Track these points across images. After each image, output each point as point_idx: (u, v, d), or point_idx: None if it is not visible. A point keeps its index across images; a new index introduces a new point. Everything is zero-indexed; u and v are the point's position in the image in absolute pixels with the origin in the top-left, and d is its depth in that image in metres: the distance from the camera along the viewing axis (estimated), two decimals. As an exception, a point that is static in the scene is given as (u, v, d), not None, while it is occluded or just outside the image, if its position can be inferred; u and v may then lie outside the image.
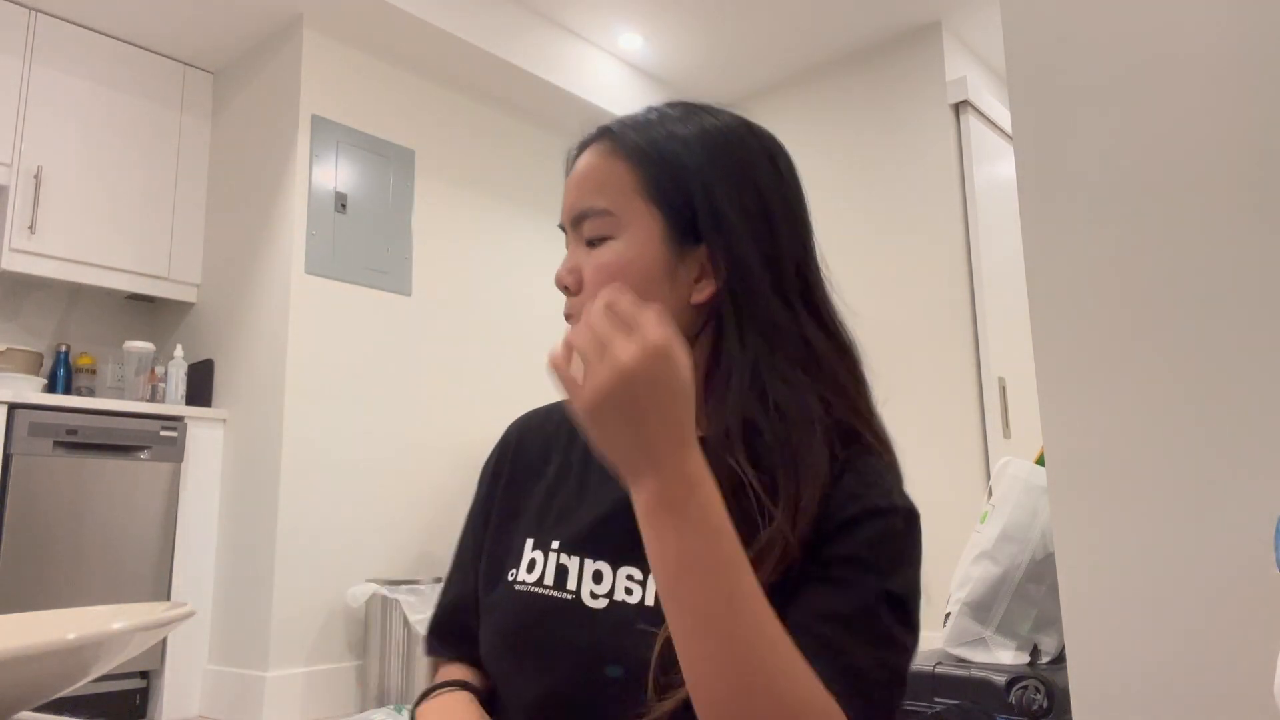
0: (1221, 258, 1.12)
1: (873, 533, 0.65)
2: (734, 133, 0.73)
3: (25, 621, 0.57)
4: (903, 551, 0.66)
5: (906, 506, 0.68)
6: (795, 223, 0.76)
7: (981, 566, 1.97)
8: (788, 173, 0.76)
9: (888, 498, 0.67)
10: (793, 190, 0.77)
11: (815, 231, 0.79)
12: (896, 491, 0.69)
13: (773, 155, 0.75)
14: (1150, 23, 1.20)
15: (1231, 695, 1.05)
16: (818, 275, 0.76)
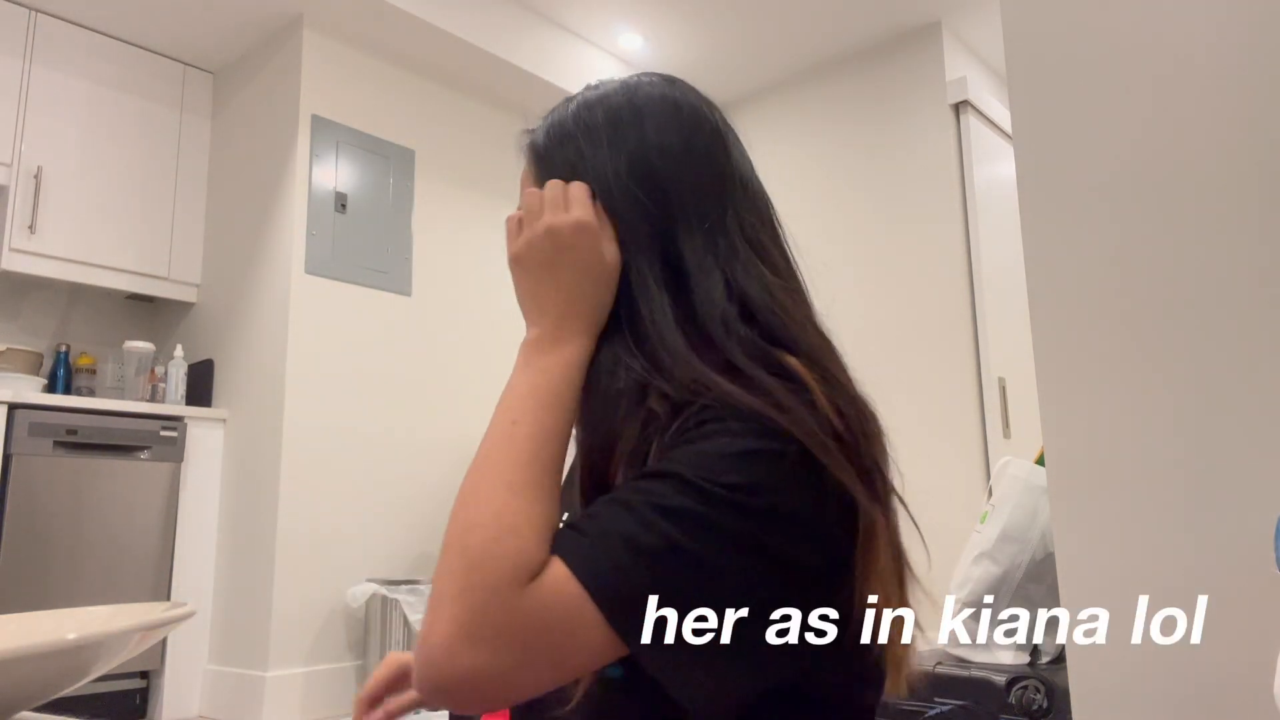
0: (1222, 257, 1.12)
1: (688, 437, 0.56)
2: (607, 100, 0.72)
3: (25, 621, 0.57)
4: (730, 445, 0.55)
5: (745, 429, 0.56)
6: (658, 184, 0.67)
7: (981, 566, 1.97)
8: (658, 128, 0.70)
9: (716, 418, 0.57)
10: (661, 150, 0.68)
11: (745, 189, 0.72)
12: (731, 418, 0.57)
13: (639, 111, 0.70)
14: (1151, 22, 1.20)
15: (1231, 695, 1.05)
16: (701, 234, 0.66)
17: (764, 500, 0.54)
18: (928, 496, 2.92)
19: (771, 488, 0.55)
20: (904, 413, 3.67)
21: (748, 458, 0.55)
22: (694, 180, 0.67)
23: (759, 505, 0.54)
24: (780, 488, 0.55)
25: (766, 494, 0.54)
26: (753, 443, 0.55)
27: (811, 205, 4.05)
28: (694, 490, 0.53)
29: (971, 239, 3.61)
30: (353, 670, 2.98)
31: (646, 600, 0.51)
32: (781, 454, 0.55)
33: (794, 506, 0.55)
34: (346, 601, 2.95)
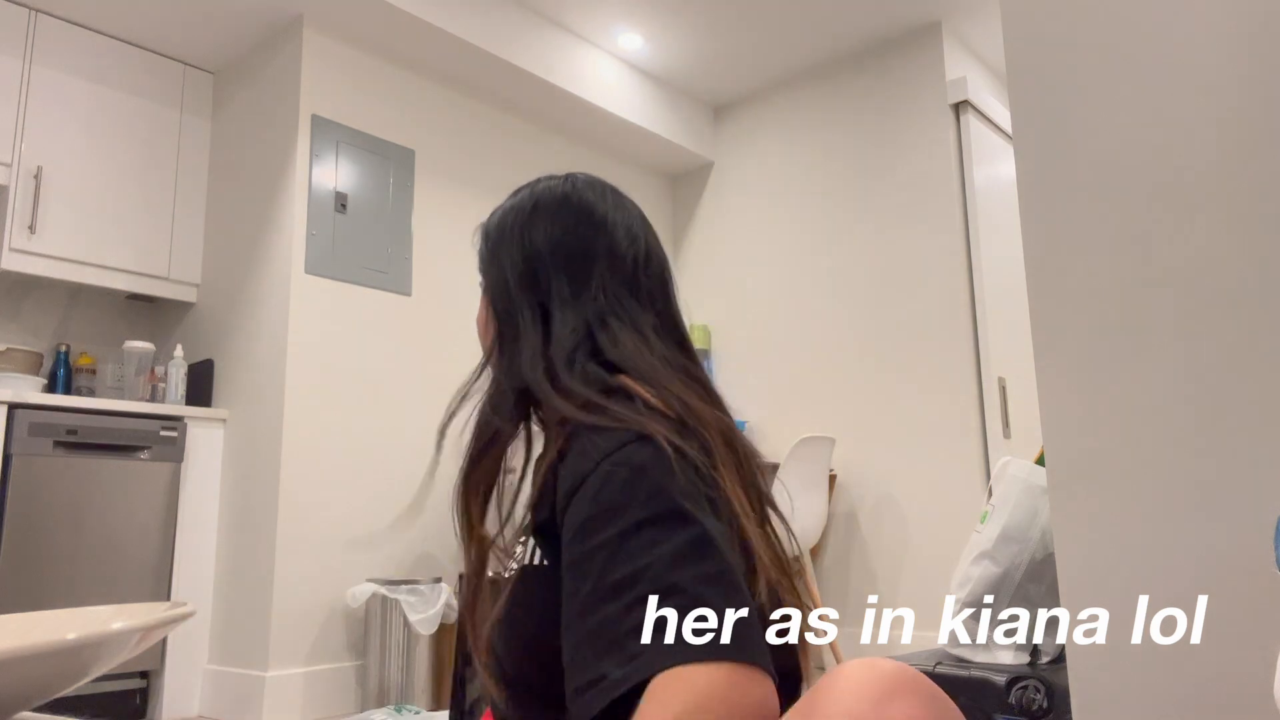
0: (1222, 257, 1.12)
1: (592, 491, 0.69)
2: (516, 204, 0.92)
3: (25, 621, 0.57)
4: (633, 487, 0.68)
5: (607, 454, 0.70)
6: (540, 261, 0.88)
7: (981, 566, 1.97)
8: (546, 218, 0.89)
9: (584, 463, 0.71)
10: (547, 236, 0.88)
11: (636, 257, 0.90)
12: (591, 454, 0.72)
13: (535, 207, 0.90)
14: (1150, 23, 1.20)
15: (1231, 695, 1.05)
16: (569, 294, 0.86)
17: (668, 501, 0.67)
18: (928, 496, 2.95)
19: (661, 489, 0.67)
20: (904, 412, 3.68)
21: (635, 480, 0.69)
22: (567, 258, 0.87)
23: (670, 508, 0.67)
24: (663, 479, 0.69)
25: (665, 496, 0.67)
26: (624, 464, 0.70)
27: (812, 205, 4.05)
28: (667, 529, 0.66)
29: (971, 239, 3.61)
30: (353, 670, 2.98)
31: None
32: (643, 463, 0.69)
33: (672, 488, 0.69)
34: (346, 601, 2.95)
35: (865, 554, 3.68)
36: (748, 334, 4.20)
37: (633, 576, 0.62)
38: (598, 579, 0.64)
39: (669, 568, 0.62)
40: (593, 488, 0.68)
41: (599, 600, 0.63)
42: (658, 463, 0.68)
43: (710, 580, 0.62)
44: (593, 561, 0.65)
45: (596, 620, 0.63)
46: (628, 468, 0.68)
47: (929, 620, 3.47)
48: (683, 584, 0.61)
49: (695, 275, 4.44)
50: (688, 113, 4.34)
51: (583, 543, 0.67)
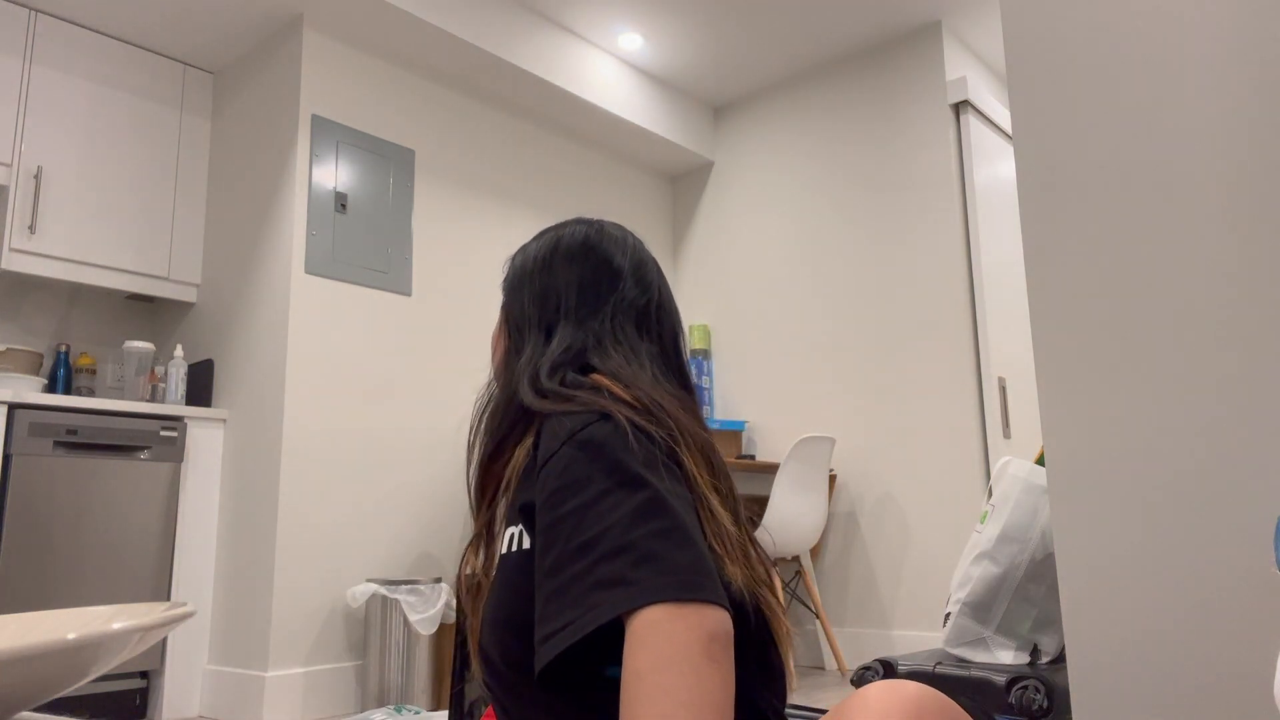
0: (1221, 256, 1.12)
1: (559, 466, 0.76)
2: (542, 245, 0.99)
3: (25, 621, 0.57)
4: (595, 461, 0.74)
5: (572, 434, 0.77)
6: (558, 297, 0.96)
7: (981, 566, 1.97)
8: (566, 265, 0.97)
9: (552, 443, 0.78)
10: (568, 274, 0.97)
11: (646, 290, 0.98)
12: (558, 433, 0.78)
13: (555, 249, 0.98)
14: (1150, 23, 1.20)
15: (1232, 695, 1.05)
16: (575, 323, 0.94)
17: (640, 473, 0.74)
18: (928, 496, 2.95)
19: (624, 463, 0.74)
20: (904, 413, 3.68)
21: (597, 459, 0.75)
22: (580, 291, 0.95)
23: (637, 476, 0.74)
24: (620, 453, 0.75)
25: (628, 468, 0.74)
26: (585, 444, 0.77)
27: (812, 205, 4.05)
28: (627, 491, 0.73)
29: (971, 239, 3.61)
30: (353, 670, 2.98)
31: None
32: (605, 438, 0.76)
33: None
34: (346, 601, 2.95)
35: (865, 554, 3.68)
36: (748, 334, 4.20)
37: (595, 539, 0.69)
38: (564, 543, 0.71)
39: (626, 528, 0.69)
40: (560, 463, 0.75)
41: (564, 561, 0.70)
42: (616, 437, 0.75)
43: (661, 534, 0.69)
44: (559, 529, 0.72)
45: (561, 579, 0.69)
46: (591, 443, 0.75)
47: (929, 620, 3.47)
48: (637, 540, 0.68)
49: (695, 275, 4.44)
50: (688, 113, 4.34)
51: (550, 512, 0.73)
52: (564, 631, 0.66)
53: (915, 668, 1.86)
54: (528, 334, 0.95)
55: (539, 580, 0.72)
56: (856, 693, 0.62)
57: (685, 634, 0.63)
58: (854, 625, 3.66)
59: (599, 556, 0.68)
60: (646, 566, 0.66)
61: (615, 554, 0.67)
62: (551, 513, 0.73)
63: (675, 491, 0.73)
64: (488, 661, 0.81)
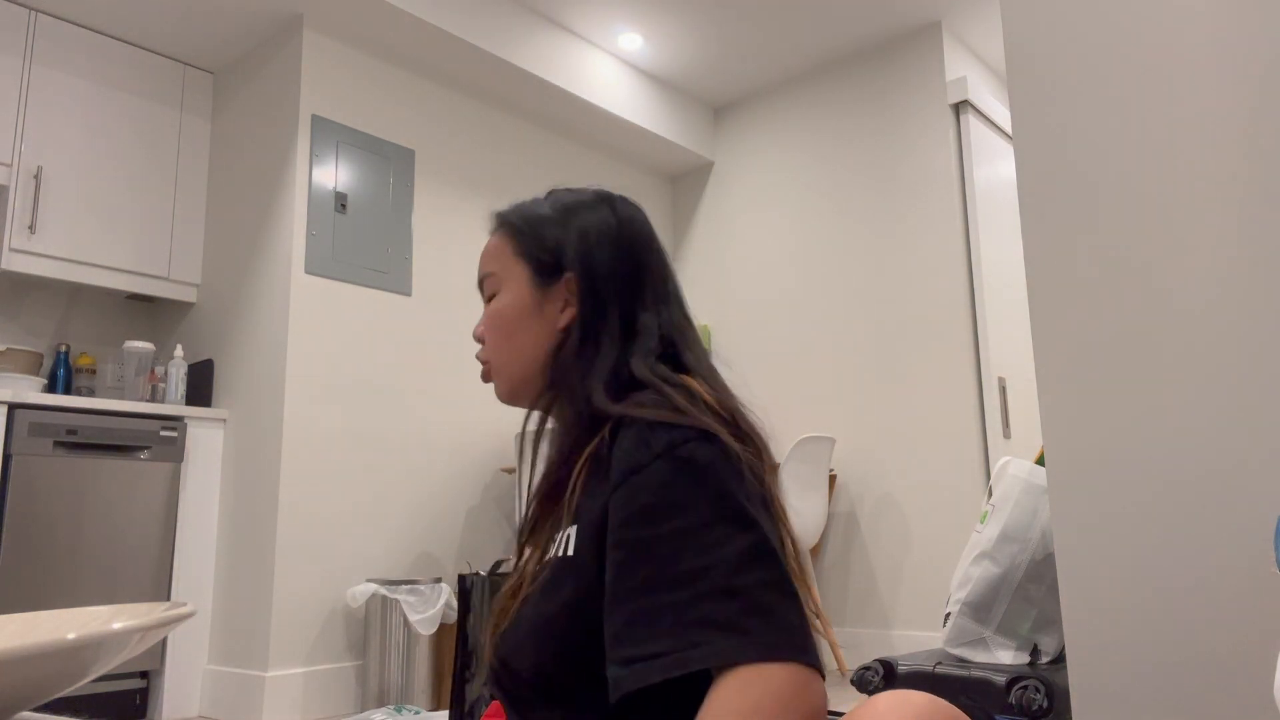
0: (1221, 257, 1.12)
1: (655, 481, 0.71)
2: (583, 194, 0.92)
3: (25, 621, 0.57)
4: (699, 484, 0.70)
5: (671, 448, 0.72)
6: (627, 259, 0.89)
7: (981, 566, 1.97)
8: (628, 223, 0.90)
9: (643, 453, 0.73)
10: (629, 235, 0.90)
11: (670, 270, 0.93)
12: (652, 445, 0.73)
13: (619, 217, 0.90)
14: (1150, 22, 1.20)
15: (1231, 695, 1.05)
16: (640, 294, 0.88)
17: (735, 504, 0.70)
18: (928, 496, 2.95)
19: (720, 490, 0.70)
20: (904, 413, 3.68)
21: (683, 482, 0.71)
22: (655, 264, 0.90)
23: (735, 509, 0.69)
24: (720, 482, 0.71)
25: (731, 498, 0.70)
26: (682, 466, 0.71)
27: (812, 205, 4.05)
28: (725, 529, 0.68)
29: (971, 239, 3.61)
30: (353, 670, 2.98)
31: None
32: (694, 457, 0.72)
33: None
34: (346, 601, 2.95)
35: (865, 554, 3.68)
36: (748, 334, 4.20)
37: (699, 571, 0.65)
38: (660, 566, 0.67)
39: (734, 570, 0.65)
40: (655, 477, 0.70)
41: (661, 587, 0.66)
42: (722, 463, 0.71)
43: (773, 586, 0.66)
44: (654, 548, 0.68)
45: (657, 603, 0.65)
46: (692, 463, 0.70)
47: (929, 620, 3.47)
48: (748, 587, 0.65)
49: (695, 275, 4.44)
50: (688, 113, 4.34)
51: (641, 529, 0.69)
52: (661, 661, 0.63)
53: (915, 668, 1.86)
54: (609, 318, 0.85)
55: (619, 594, 0.68)
56: (867, 702, 0.62)
57: (792, 698, 0.61)
58: (854, 625, 3.66)
59: (704, 592, 0.64)
60: (759, 618, 0.63)
61: (724, 595, 0.64)
62: (642, 529, 0.69)
63: (775, 532, 0.70)
64: (508, 667, 0.77)
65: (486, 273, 0.92)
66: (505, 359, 0.89)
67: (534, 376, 0.88)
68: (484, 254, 0.93)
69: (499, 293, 0.90)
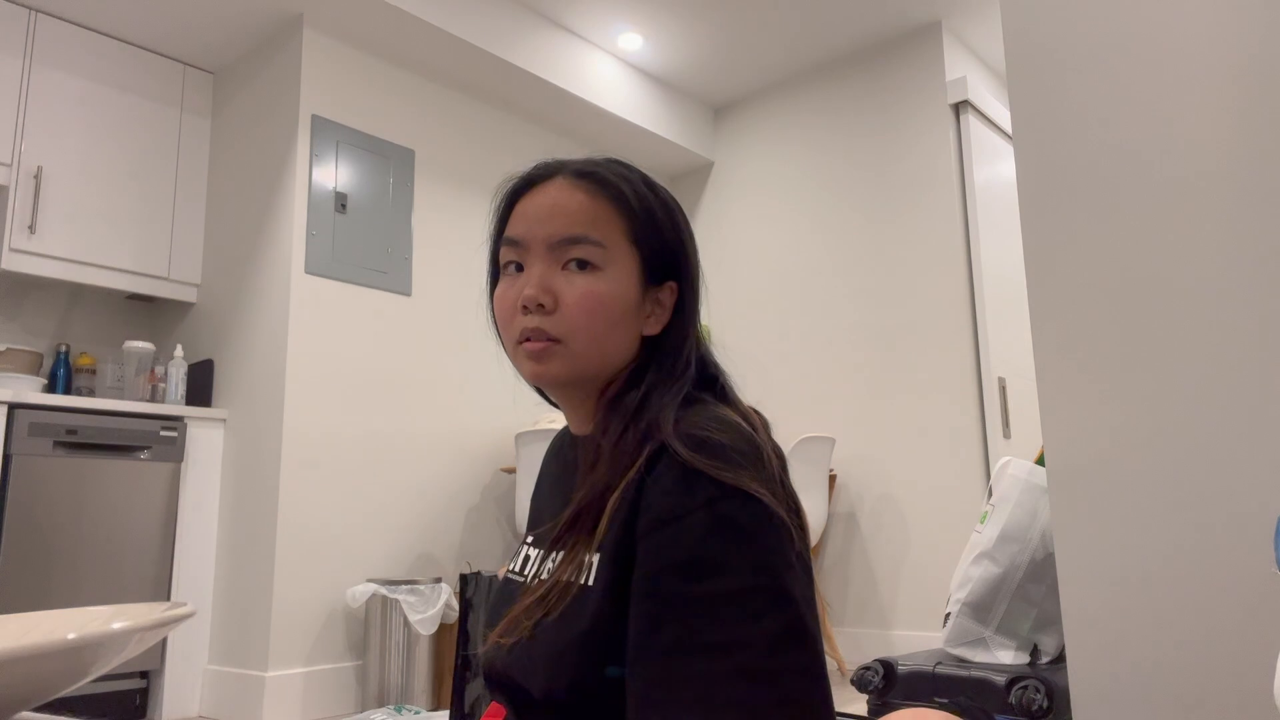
0: (1221, 257, 1.12)
1: (692, 536, 0.66)
2: (672, 197, 0.86)
3: (25, 621, 0.57)
4: (737, 548, 0.65)
5: (711, 502, 0.67)
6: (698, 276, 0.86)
7: (981, 566, 1.97)
8: (686, 219, 0.87)
9: (684, 499, 0.67)
10: (690, 233, 0.87)
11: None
12: (695, 492, 0.67)
13: (669, 204, 0.85)
14: (1150, 23, 1.20)
15: (1231, 695, 1.05)
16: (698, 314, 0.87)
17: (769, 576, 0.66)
18: (928, 496, 2.95)
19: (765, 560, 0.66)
20: (904, 413, 3.68)
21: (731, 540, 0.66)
22: (697, 273, 0.87)
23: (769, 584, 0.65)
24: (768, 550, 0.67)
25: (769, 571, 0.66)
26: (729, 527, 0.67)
27: (811, 205, 4.05)
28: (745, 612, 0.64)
29: (971, 239, 3.61)
30: (353, 670, 2.98)
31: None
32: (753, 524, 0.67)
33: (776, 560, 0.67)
34: (346, 601, 2.95)
35: (865, 554, 3.68)
36: (747, 334, 4.20)
37: (730, 645, 0.62)
38: (689, 632, 0.63)
39: (768, 650, 0.62)
40: (692, 531, 0.65)
41: (689, 654, 0.63)
42: (764, 529, 0.66)
43: (805, 673, 0.63)
44: (683, 610, 0.64)
45: (684, 671, 0.62)
46: (736, 524, 0.66)
47: (929, 620, 3.47)
48: (781, 673, 0.62)
49: (695, 275, 4.43)
50: (688, 113, 4.34)
51: (676, 583, 0.65)
52: None
53: (915, 668, 1.86)
54: (690, 340, 0.81)
55: (645, 648, 0.65)
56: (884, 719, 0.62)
57: None
58: (854, 625, 3.66)
59: (734, 670, 0.61)
60: (786, 713, 0.61)
61: (755, 678, 0.61)
62: (676, 584, 0.65)
63: (810, 601, 0.67)
64: (515, 684, 0.75)
65: (583, 236, 0.78)
66: (586, 348, 0.77)
67: (602, 376, 0.80)
68: (574, 210, 0.79)
69: (601, 270, 0.78)
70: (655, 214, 0.82)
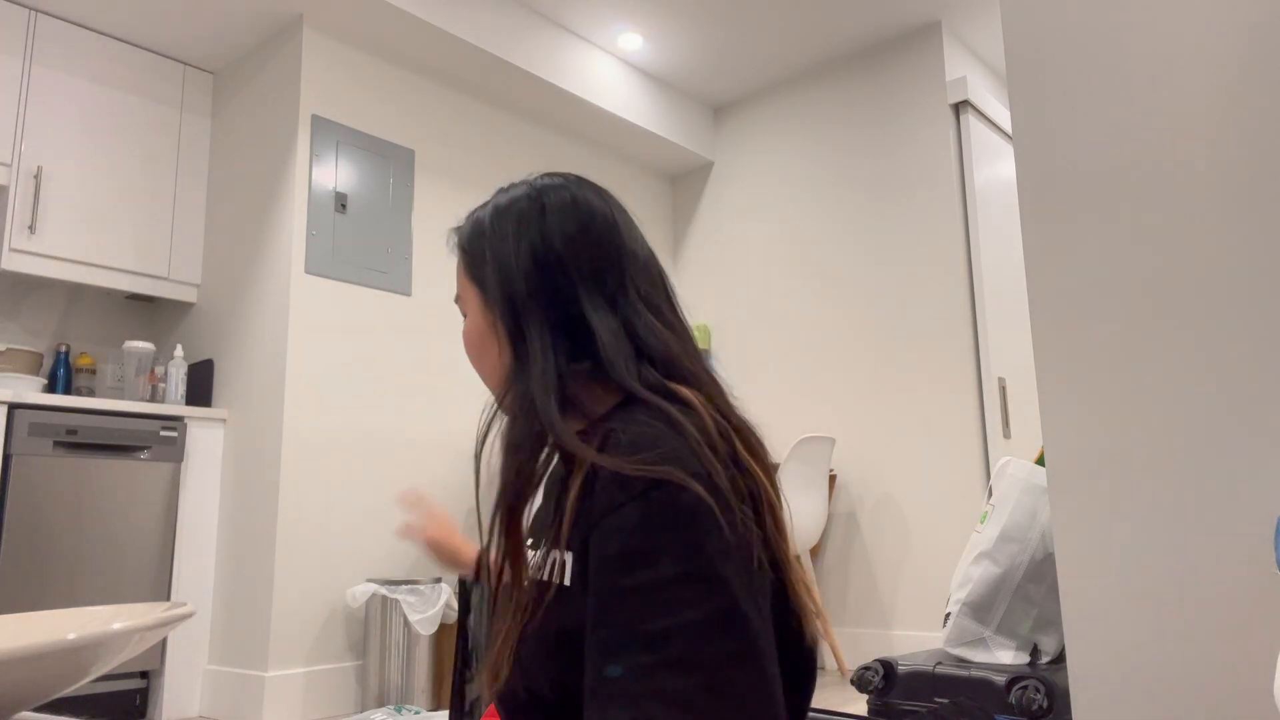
0: (1221, 257, 1.12)
1: (628, 525, 0.66)
2: (515, 190, 0.85)
3: (25, 621, 0.57)
4: (669, 535, 0.65)
5: (645, 491, 0.66)
6: (548, 257, 0.80)
7: (981, 566, 1.97)
8: (559, 218, 0.81)
9: (619, 492, 0.67)
10: (565, 234, 0.81)
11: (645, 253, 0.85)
12: (629, 484, 0.67)
13: (544, 209, 0.82)
14: (1150, 22, 1.20)
15: (1231, 695, 1.05)
16: (601, 296, 0.79)
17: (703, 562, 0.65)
18: (928, 496, 2.96)
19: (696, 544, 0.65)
20: (904, 413, 3.68)
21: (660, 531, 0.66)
22: (591, 256, 0.80)
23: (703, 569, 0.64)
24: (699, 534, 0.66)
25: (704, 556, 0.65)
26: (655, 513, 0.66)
27: (811, 205, 4.05)
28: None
29: (971, 239, 3.61)
30: (353, 670, 2.98)
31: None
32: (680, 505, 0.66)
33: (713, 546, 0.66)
34: (346, 601, 2.95)
35: (865, 554, 3.68)
36: (748, 334, 4.20)
37: (661, 634, 0.62)
38: (624, 623, 0.64)
39: (698, 637, 0.61)
40: (628, 521, 0.66)
41: (620, 648, 0.63)
42: (697, 515, 0.65)
43: (737, 658, 0.62)
44: (619, 602, 0.65)
45: (616, 667, 0.63)
46: (668, 509, 0.65)
47: (929, 620, 3.47)
48: (708, 660, 0.61)
49: (695, 275, 4.44)
50: (688, 113, 4.34)
51: (609, 578, 0.66)
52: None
53: (915, 668, 1.86)
54: (530, 332, 0.78)
55: (589, 648, 0.66)
56: None
57: None
58: (854, 625, 3.66)
59: (662, 660, 0.61)
60: (714, 698, 0.60)
61: (683, 666, 0.61)
62: (610, 579, 0.65)
63: (753, 588, 0.66)
64: (508, 693, 0.75)
65: (457, 294, 0.88)
66: (484, 380, 0.85)
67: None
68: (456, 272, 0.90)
69: (466, 315, 0.86)
70: (477, 235, 0.85)
